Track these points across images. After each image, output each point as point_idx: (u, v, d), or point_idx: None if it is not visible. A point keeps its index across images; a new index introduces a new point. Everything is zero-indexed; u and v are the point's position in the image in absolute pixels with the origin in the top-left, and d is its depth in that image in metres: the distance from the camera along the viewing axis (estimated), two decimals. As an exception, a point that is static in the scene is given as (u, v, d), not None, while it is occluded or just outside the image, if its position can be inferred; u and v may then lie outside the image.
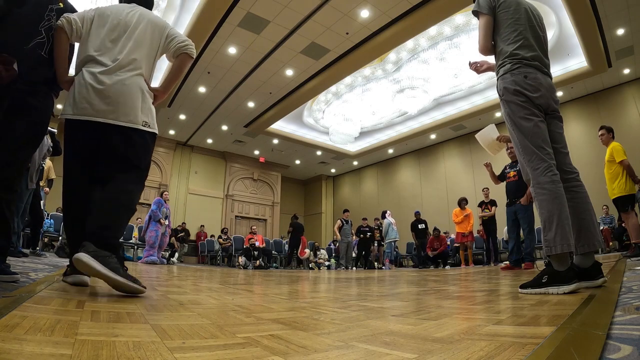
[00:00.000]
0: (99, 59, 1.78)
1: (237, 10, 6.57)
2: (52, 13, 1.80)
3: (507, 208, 4.98)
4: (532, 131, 1.73)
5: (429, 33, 7.49)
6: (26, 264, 3.04)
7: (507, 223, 4.97)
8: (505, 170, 5.07)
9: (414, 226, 9.51)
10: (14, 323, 0.78)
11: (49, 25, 1.78)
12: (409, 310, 1.35)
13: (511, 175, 4.94)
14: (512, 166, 4.94)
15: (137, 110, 1.79)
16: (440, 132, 12.10)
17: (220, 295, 1.82)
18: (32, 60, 1.70)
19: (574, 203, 1.72)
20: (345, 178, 17.35)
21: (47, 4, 1.79)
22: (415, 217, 9.67)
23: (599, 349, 0.61)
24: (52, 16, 1.79)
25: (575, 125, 9.51)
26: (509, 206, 4.95)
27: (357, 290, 2.46)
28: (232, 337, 0.81)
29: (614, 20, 6.65)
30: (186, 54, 1.96)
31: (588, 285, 1.63)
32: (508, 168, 5.04)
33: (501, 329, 0.88)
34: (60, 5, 1.86)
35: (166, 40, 1.96)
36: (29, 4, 1.74)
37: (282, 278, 4.11)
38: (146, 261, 6.68)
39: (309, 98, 9.95)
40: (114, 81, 1.76)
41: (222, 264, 10.83)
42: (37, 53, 1.74)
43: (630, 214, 4.23)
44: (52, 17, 1.79)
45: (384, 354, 0.67)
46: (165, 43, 1.96)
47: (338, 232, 9.66)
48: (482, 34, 1.92)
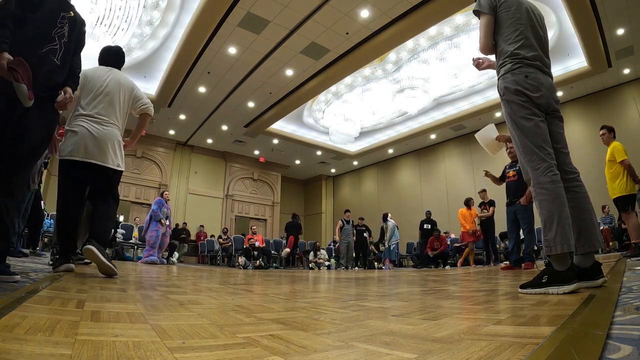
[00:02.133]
0: (91, 114, 2.49)
1: (237, 10, 6.57)
2: (65, 21, 1.86)
3: (507, 208, 4.96)
4: (532, 131, 1.73)
5: (429, 33, 7.49)
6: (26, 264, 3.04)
7: (507, 223, 4.96)
8: (505, 170, 5.07)
9: (421, 225, 9.59)
10: (14, 323, 0.78)
11: (62, 32, 1.85)
12: (409, 310, 1.35)
13: (511, 175, 4.93)
14: (512, 166, 4.94)
15: (116, 155, 2.56)
16: (440, 132, 12.10)
17: (220, 295, 1.83)
18: (46, 66, 1.77)
19: (575, 203, 1.72)
20: (345, 178, 17.35)
21: (59, 12, 1.86)
22: (426, 216, 9.73)
23: (599, 349, 0.61)
24: (65, 24, 1.86)
25: (575, 125, 9.50)
26: (509, 206, 4.93)
27: (357, 290, 2.46)
28: (232, 337, 0.81)
29: (614, 20, 6.65)
30: (146, 114, 2.80)
31: (588, 285, 1.63)
32: (508, 168, 5.04)
33: (501, 329, 0.88)
34: (71, 13, 1.93)
35: (133, 100, 2.75)
36: (43, 11, 1.79)
37: (282, 278, 4.11)
38: (146, 261, 6.68)
39: (309, 98, 9.95)
40: (103, 132, 2.48)
41: (222, 264, 10.83)
42: (50, 59, 1.80)
43: (630, 213, 4.23)
44: (65, 24, 1.86)
45: (384, 354, 0.67)
46: (132, 103, 2.75)
47: (339, 232, 9.70)
48: (483, 33, 1.92)
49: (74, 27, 1.93)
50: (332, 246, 12.31)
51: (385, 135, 12.83)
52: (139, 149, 12.46)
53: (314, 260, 10.65)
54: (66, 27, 1.87)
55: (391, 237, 9.84)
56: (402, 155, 14.43)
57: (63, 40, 1.85)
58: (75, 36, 1.95)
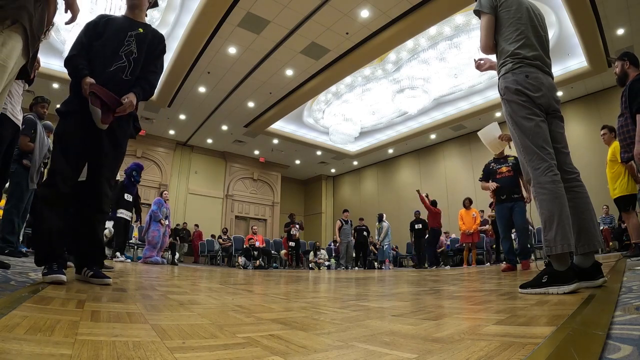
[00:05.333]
0: None
1: (237, 10, 6.57)
2: (132, 39, 2.00)
3: (499, 205, 4.56)
4: (533, 131, 1.72)
5: (429, 33, 7.49)
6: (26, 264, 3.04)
7: (500, 221, 4.60)
8: (491, 167, 4.72)
9: (412, 225, 9.57)
10: (14, 323, 0.78)
11: (129, 49, 1.98)
12: (409, 310, 1.35)
13: (504, 171, 4.57)
14: (502, 162, 4.63)
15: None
16: (440, 132, 12.11)
17: (220, 295, 1.83)
18: (114, 83, 1.90)
19: (575, 203, 1.71)
20: (345, 178, 17.35)
21: (127, 31, 2.00)
22: (415, 216, 9.71)
23: (599, 349, 0.61)
24: (132, 41, 1.99)
25: (575, 125, 9.50)
26: (502, 203, 4.52)
27: (357, 290, 2.46)
28: (232, 337, 0.81)
29: (614, 20, 6.65)
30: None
31: (588, 285, 1.63)
32: (495, 164, 4.68)
33: (501, 329, 0.88)
34: (140, 30, 2.04)
35: None
36: (108, 33, 1.98)
37: (282, 278, 4.11)
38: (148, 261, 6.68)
39: (309, 98, 9.95)
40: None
41: (222, 264, 10.83)
42: (119, 76, 1.94)
43: (631, 214, 4.23)
44: (132, 42, 1.99)
45: (384, 354, 0.67)
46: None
47: (338, 232, 9.71)
48: (483, 33, 1.92)
49: (142, 43, 2.03)
50: (332, 246, 12.31)
51: (385, 135, 12.83)
52: (139, 148, 12.45)
53: (314, 260, 10.64)
54: (133, 44, 1.99)
55: (385, 238, 9.94)
56: (402, 155, 14.43)
57: (132, 57, 1.98)
58: (146, 49, 2.05)
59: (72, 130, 1.88)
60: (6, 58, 1.23)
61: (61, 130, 1.90)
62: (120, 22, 2.06)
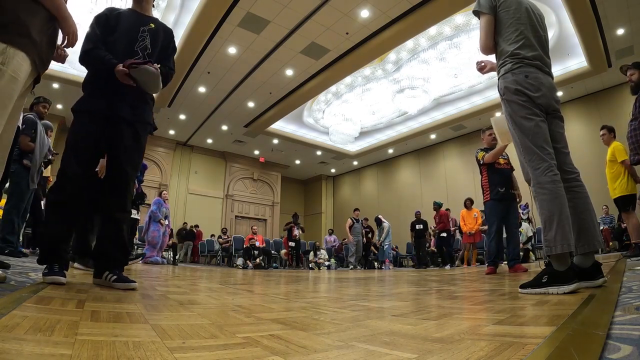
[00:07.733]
0: None
1: (237, 10, 6.57)
2: (145, 34, 1.98)
3: (496, 201, 4.05)
4: (533, 131, 1.72)
5: (429, 33, 7.49)
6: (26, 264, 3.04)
7: (493, 219, 4.08)
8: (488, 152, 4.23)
9: (412, 226, 9.59)
10: (14, 323, 0.78)
11: (144, 45, 1.97)
12: (409, 310, 1.35)
13: (502, 163, 4.18)
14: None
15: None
16: (440, 132, 12.10)
17: (220, 295, 1.83)
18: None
19: (575, 203, 1.71)
20: (345, 178, 17.34)
21: (139, 26, 1.97)
22: (416, 217, 9.73)
23: (599, 349, 0.61)
24: (145, 36, 1.97)
25: (575, 125, 9.50)
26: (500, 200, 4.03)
27: (357, 290, 2.46)
28: (232, 337, 0.81)
29: (614, 20, 6.64)
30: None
31: (588, 285, 1.63)
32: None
33: (501, 329, 0.88)
34: (151, 25, 2.01)
35: None
36: (121, 29, 1.94)
37: (282, 278, 4.11)
38: (148, 261, 6.68)
39: (309, 98, 9.95)
40: None
41: (222, 264, 10.83)
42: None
43: (631, 214, 4.23)
44: (146, 37, 1.97)
45: (384, 354, 0.67)
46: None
47: (349, 231, 9.75)
48: (483, 33, 1.92)
49: (156, 38, 2.01)
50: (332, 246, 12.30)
51: (385, 135, 12.83)
52: (139, 148, 12.42)
53: (314, 260, 10.64)
54: (147, 39, 1.97)
55: (385, 238, 10.02)
56: (402, 155, 14.43)
57: (146, 52, 1.96)
58: (160, 45, 2.04)
59: (88, 129, 1.84)
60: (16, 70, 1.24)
61: (77, 129, 1.86)
62: (131, 16, 2.00)
